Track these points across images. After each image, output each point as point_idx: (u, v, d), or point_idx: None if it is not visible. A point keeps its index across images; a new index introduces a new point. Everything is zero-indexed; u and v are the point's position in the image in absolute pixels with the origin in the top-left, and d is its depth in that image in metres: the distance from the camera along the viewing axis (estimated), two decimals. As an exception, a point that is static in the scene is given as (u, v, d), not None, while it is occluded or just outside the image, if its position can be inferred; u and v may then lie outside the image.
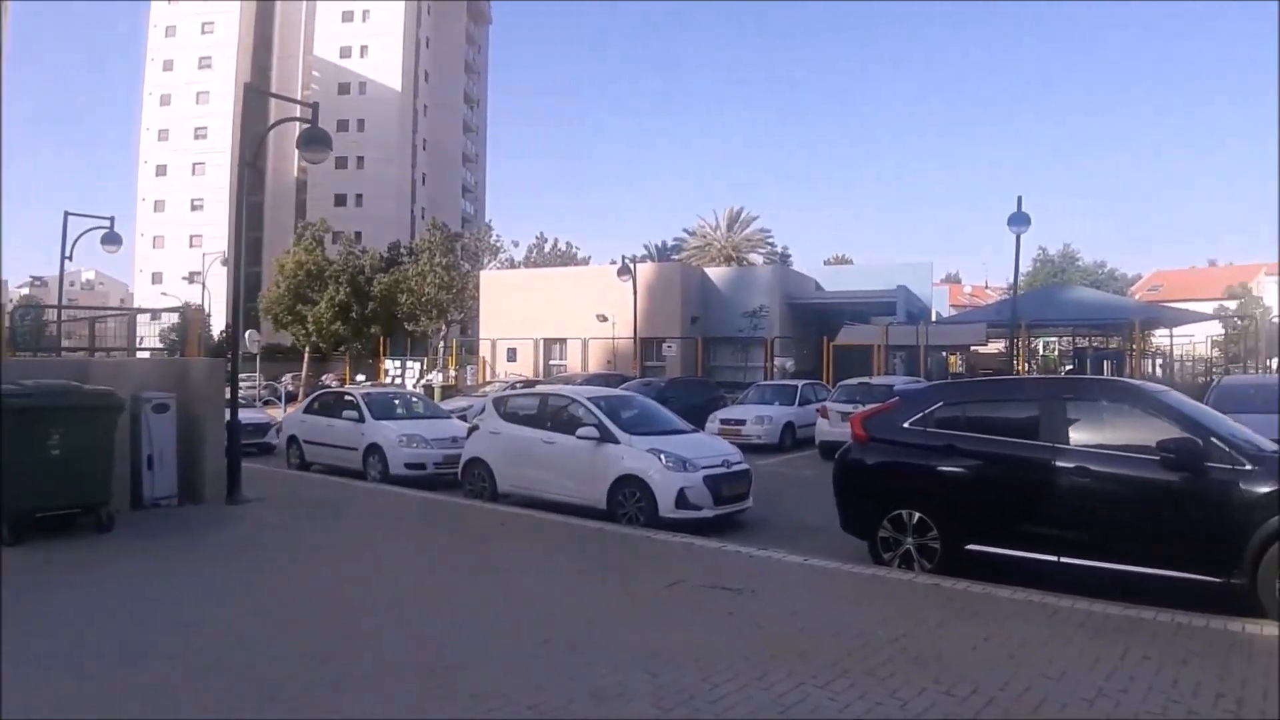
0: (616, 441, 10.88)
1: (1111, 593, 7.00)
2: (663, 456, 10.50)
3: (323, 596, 7.06)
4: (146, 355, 13.03)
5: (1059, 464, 7.49)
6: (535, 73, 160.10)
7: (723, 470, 10.77)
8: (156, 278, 77.61)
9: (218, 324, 69.57)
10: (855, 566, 8.12)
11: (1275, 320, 43.47)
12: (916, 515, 8.24)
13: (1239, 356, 42.26)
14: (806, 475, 16.22)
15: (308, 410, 17.46)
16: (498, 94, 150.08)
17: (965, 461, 8.06)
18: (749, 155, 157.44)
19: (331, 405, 16.85)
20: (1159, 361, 39.98)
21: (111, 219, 20.25)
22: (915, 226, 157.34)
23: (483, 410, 13.32)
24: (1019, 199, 21.06)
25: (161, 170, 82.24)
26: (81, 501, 9.00)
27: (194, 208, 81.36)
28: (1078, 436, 7.56)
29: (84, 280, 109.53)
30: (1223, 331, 49.03)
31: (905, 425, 8.52)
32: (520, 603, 6.84)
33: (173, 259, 77.64)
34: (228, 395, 11.94)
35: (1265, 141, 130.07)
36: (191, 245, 76.63)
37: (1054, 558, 7.51)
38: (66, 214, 19.46)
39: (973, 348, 37.57)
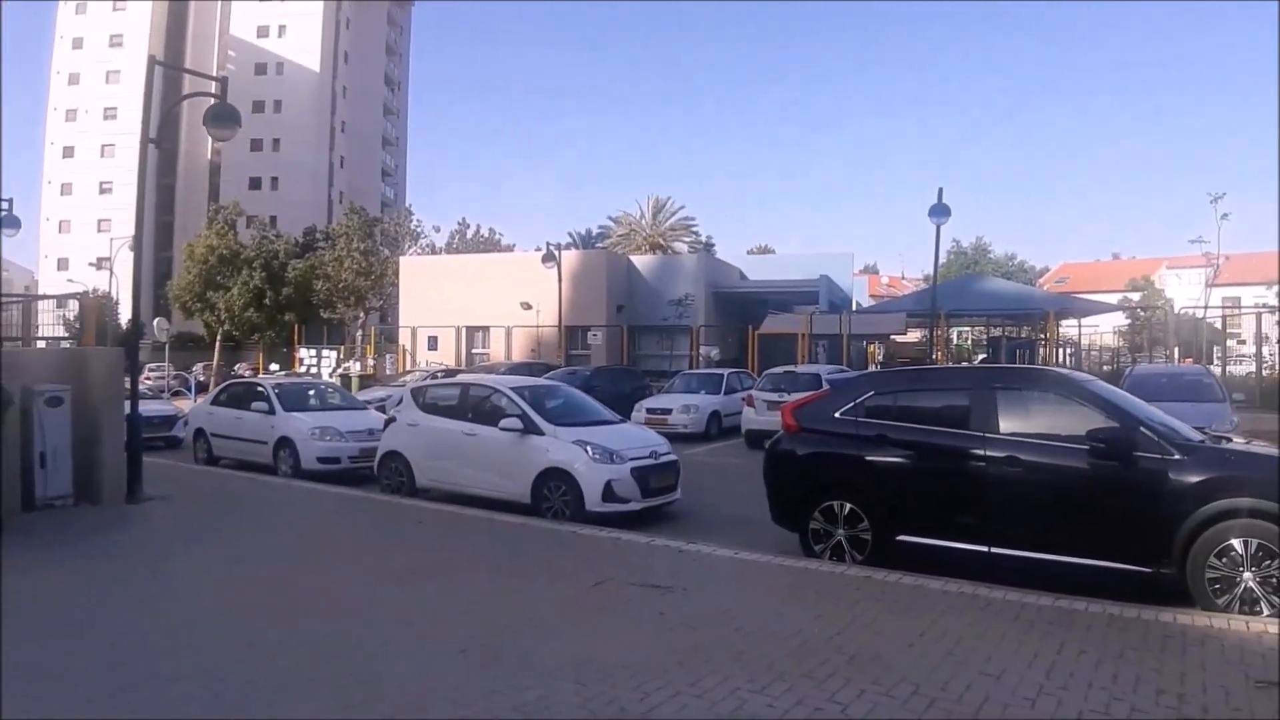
0: (541, 433, 10.52)
1: (1041, 583, 6.93)
2: (589, 448, 10.18)
3: (223, 605, 6.57)
4: (43, 345, 12.14)
5: (989, 454, 7.42)
6: (459, 55, 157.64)
7: (650, 462, 10.50)
8: (63, 264, 74.05)
9: (127, 312, 66.94)
10: (786, 559, 7.94)
11: (1181, 312, 45.07)
12: (848, 506, 8.10)
13: (1142, 346, 43.82)
14: (733, 464, 16.09)
15: (215, 402, 16.66)
16: (420, 77, 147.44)
17: (896, 451, 7.95)
18: (673, 144, 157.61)
19: (241, 396, 16.07)
20: (1069, 351, 41.11)
21: (10, 200, 19.09)
22: (835, 218, 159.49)
23: (400, 401, 12.81)
24: (939, 190, 21.26)
25: (69, 152, 78.25)
26: None
27: (103, 190, 77.78)
28: (1008, 426, 7.50)
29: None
30: (1128, 322, 50.76)
31: (836, 415, 8.36)
32: (439, 607, 6.48)
33: (80, 244, 73.95)
34: (128, 387, 11.24)
35: (1167, 136, 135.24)
36: (100, 230, 73.17)
37: (984, 548, 7.45)
38: (-54, 194, 18.14)
39: (892, 336, 38.06)
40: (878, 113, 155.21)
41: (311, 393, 16.74)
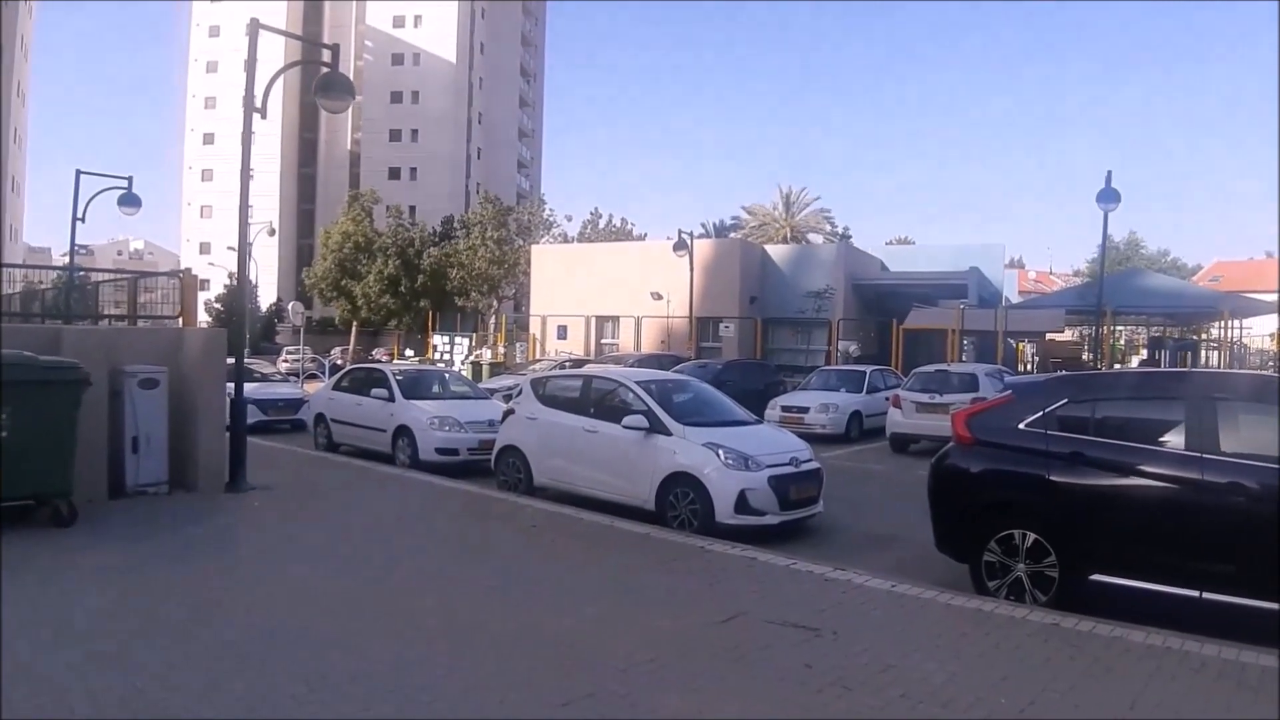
0: (668, 433, 9.45)
1: (1249, 633, 5.60)
2: (721, 452, 9.04)
3: (299, 617, 5.74)
4: (148, 325, 11.81)
5: (1209, 479, 6.00)
6: (593, 47, 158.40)
7: (791, 469, 9.28)
8: (204, 248, 77.47)
9: (266, 297, 69.60)
10: (953, 596, 6.63)
11: None
12: (1031, 537, 6.73)
13: None
14: (877, 471, 14.71)
15: (337, 387, 16.28)
16: (555, 68, 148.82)
17: (1095, 473, 6.53)
18: (808, 133, 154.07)
19: (362, 382, 15.65)
20: (1240, 353, 37.49)
21: (130, 179, 19.18)
22: (977, 209, 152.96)
23: (520, 392, 11.98)
24: (1108, 174, 19.13)
25: (209, 139, 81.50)
26: (33, 492, 7.77)
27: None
28: (1232, 445, 6.06)
29: (133, 250, 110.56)
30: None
31: (1020, 426, 6.97)
32: (540, 635, 5.48)
33: (220, 228, 76.68)
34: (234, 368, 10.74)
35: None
36: (242, 216, 76.45)
37: (1195, 593, 6.03)
38: (79, 173, 18.41)
39: (1048, 335, 35.41)
40: (1022, 101, 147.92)
41: (434, 380, 16.19)
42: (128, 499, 9.34)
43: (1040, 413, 6.90)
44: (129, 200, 19.47)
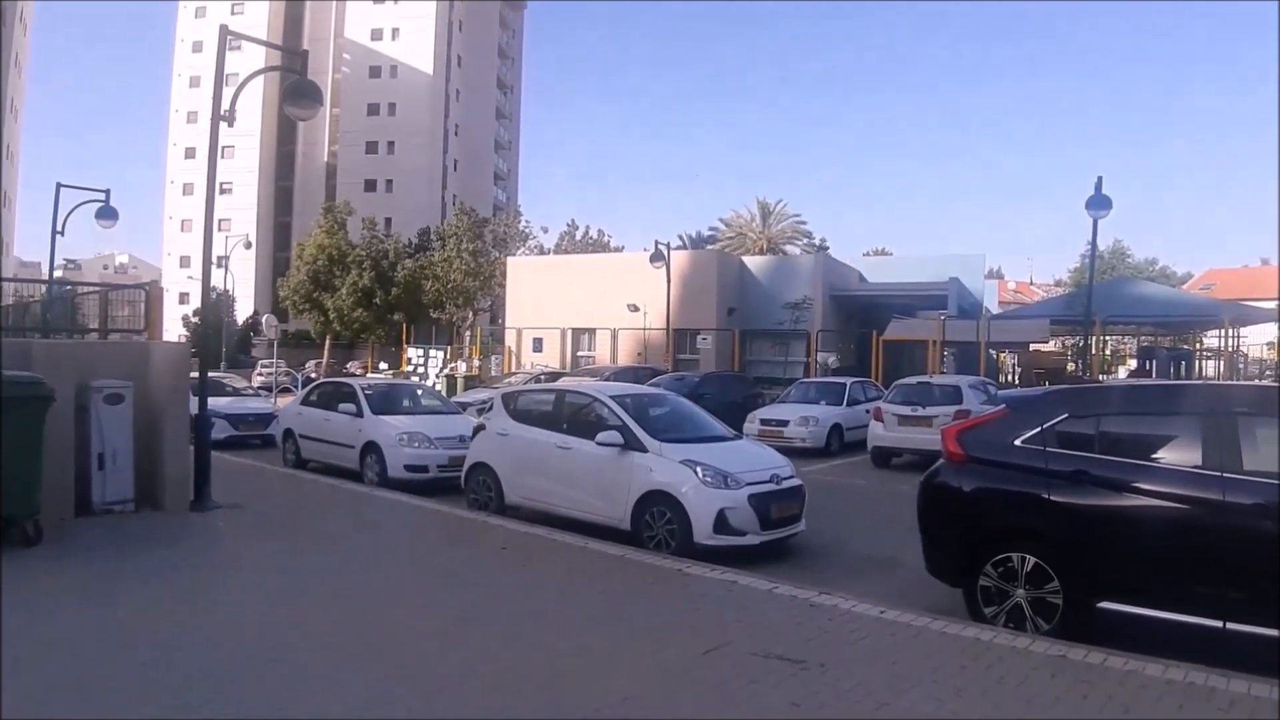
0: (644, 449, 9.05)
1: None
2: (699, 470, 8.65)
3: (257, 644, 5.30)
4: (118, 338, 11.38)
5: (1229, 499, 5.61)
6: (570, 59, 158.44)
7: (772, 487, 8.89)
8: (184, 261, 76.47)
9: (243, 310, 68.77)
10: (947, 624, 6.24)
11: None
12: (1031, 561, 6.35)
13: None
14: (859, 486, 14.37)
15: (305, 401, 15.78)
16: (532, 80, 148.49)
17: (1100, 493, 6.14)
18: (784, 145, 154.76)
19: (330, 397, 15.16)
20: (1234, 362, 37.46)
21: (107, 192, 18.73)
22: (954, 220, 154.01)
23: (491, 407, 11.57)
24: (1098, 180, 18.85)
25: (190, 153, 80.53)
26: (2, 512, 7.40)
27: (223, 191, 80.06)
28: (1255, 463, 5.66)
29: (118, 264, 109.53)
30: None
31: (1017, 443, 6.61)
32: (511, 671, 5.08)
33: (200, 243, 76.24)
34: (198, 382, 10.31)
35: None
36: (220, 229, 75.45)
37: (1218, 623, 5.63)
38: (59, 185, 17.95)
39: (1032, 346, 35.22)
40: (998, 110, 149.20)
41: (404, 395, 15.74)
42: (94, 517, 9.00)
43: (1038, 428, 6.55)
44: (106, 213, 18.99)
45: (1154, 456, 6.11)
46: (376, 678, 5.01)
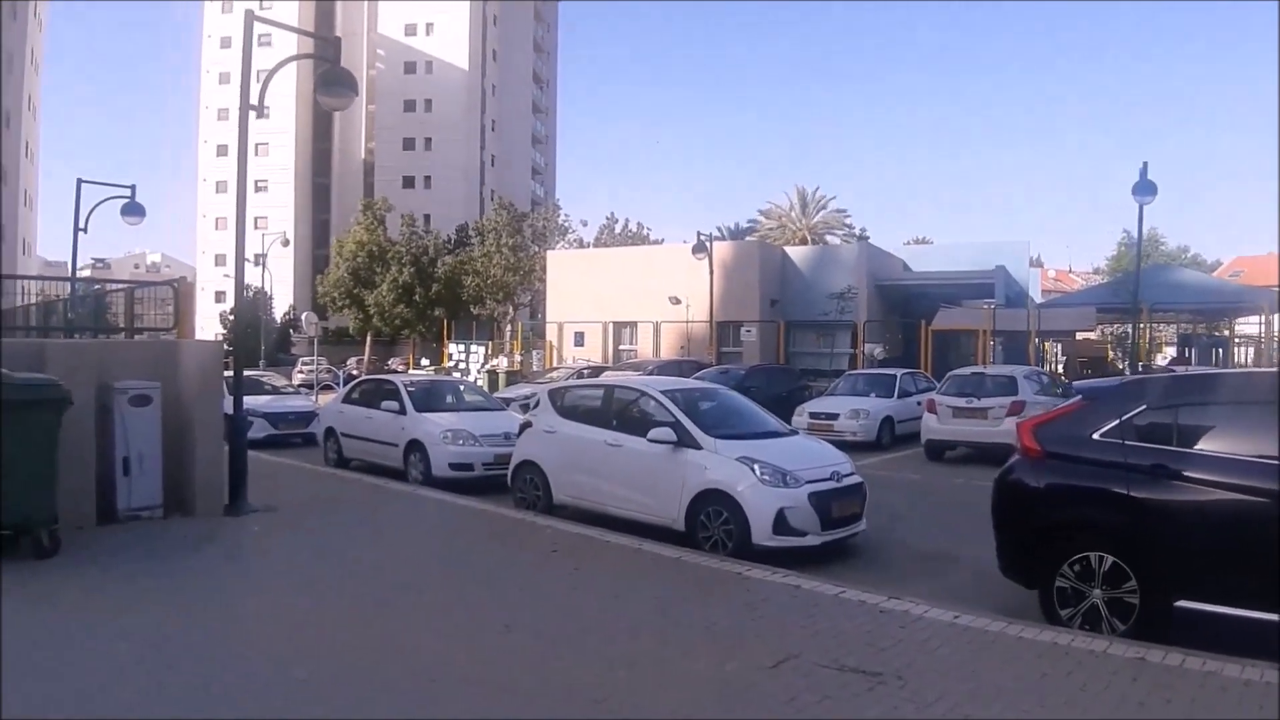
0: (698, 446, 8.73)
1: None
2: (756, 467, 8.31)
3: (299, 664, 5.06)
4: (145, 337, 11.18)
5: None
6: (604, 51, 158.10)
7: (832, 485, 8.53)
8: (219, 259, 76.97)
9: (281, 307, 69.34)
10: (1023, 628, 5.90)
11: None
12: (1109, 560, 5.99)
13: None
14: (914, 481, 13.96)
15: (347, 399, 15.64)
16: (567, 74, 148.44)
17: (1180, 488, 5.79)
18: (821, 134, 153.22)
19: (372, 394, 14.96)
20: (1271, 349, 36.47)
21: (132, 188, 18.61)
22: (992, 207, 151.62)
23: (537, 404, 11.30)
24: (1143, 165, 18.26)
25: (222, 150, 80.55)
26: (11, 521, 7.14)
27: (259, 189, 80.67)
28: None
29: (149, 262, 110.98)
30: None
31: (1095, 436, 6.24)
32: (565, 685, 4.80)
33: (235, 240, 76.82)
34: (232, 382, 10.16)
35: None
36: (256, 227, 76.10)
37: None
38: (79, 182, 17.84)
39: (1078, 334, 34.45)
40: (1035, 97, 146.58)
41: (447, 391, 15.55)
42: (119, 524, 8.72)
43: (1116, 420, 6.17)
44: (132, 209, 18.89)
45: (1237, 448, 5.73)
46: (417, 688, 4.78)
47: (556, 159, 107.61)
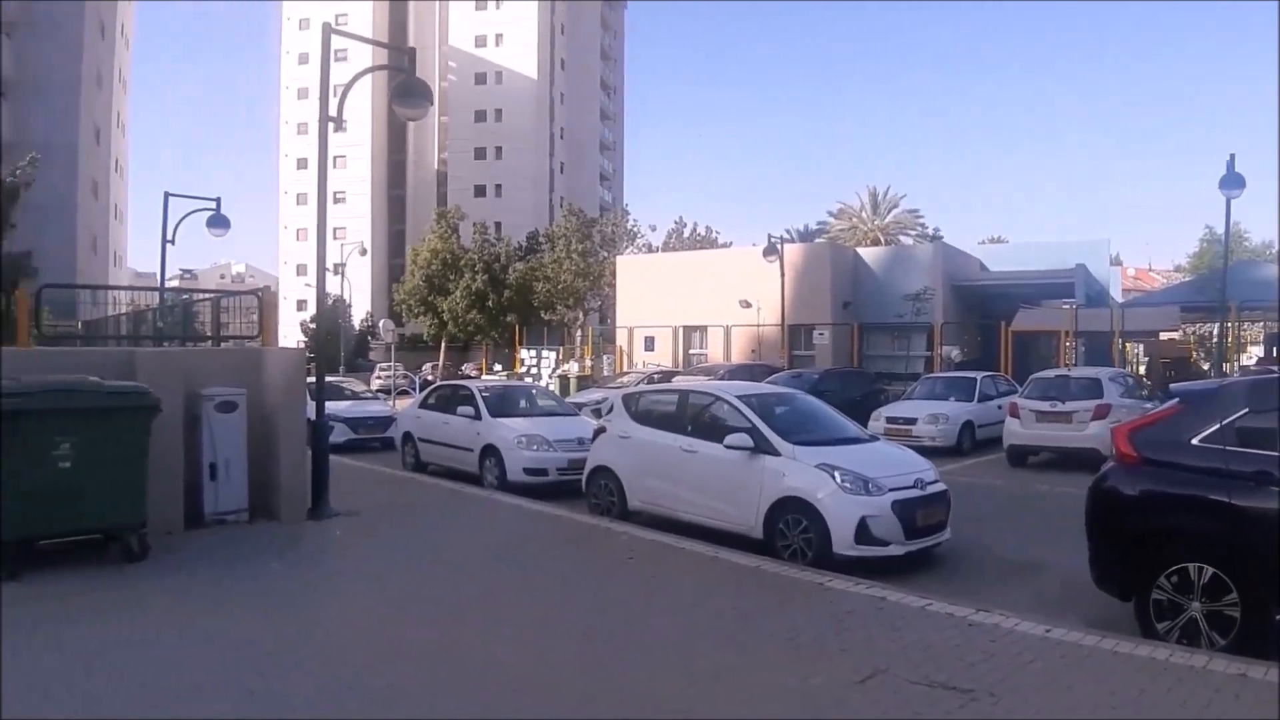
0: (776, 452, 8.58)
1: None
2: (837, 474, 8.13)
3: (378, 672, 5.07)
4: (230, 346, 11.45)
5: None
6: (671, 56, 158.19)
7: (916, 493, 8.31)
8: (301, 269, 79.12)
9: (359, 315, 70.81)
10: (1118, 642, 5.67)
11: None
12: (1209, 571, 5.73)
13: None
14: (997, 487, 13.59)
15: (424, 405, 15.84)
16: (634, 79, 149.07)
17: None
18: (889, 134, 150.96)
19: (448, 400, 15.15)
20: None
21: (218, 200, 19.11)
22: (1068, 205, 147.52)
23: (611, 409, 11.28)
24: (1230, 158, 17.46)
25: (302, 164, 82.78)
26: (101, 525, 7.35)
27: (337, 200, 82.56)
28: None
29: (234, 273, 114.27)
30: None
31: (1194, 442, 5.96)
32: (647, 697, 4.72)
33: (316, 251, 78.57)
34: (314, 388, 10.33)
35: None
36: (335, 237, 77.82)
37: None
38: (166, 195, 18.39)
39: (1162, 334, 33.25)
40: (1110, 93, 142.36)
41: (521, 397, 15.65)
42: (206, 529, 8.91)
43: (1217, 425, 5.88)
44: (218, 221, 19.42)
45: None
46: (497, 699, 4.75)
47: (624, 165, 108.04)
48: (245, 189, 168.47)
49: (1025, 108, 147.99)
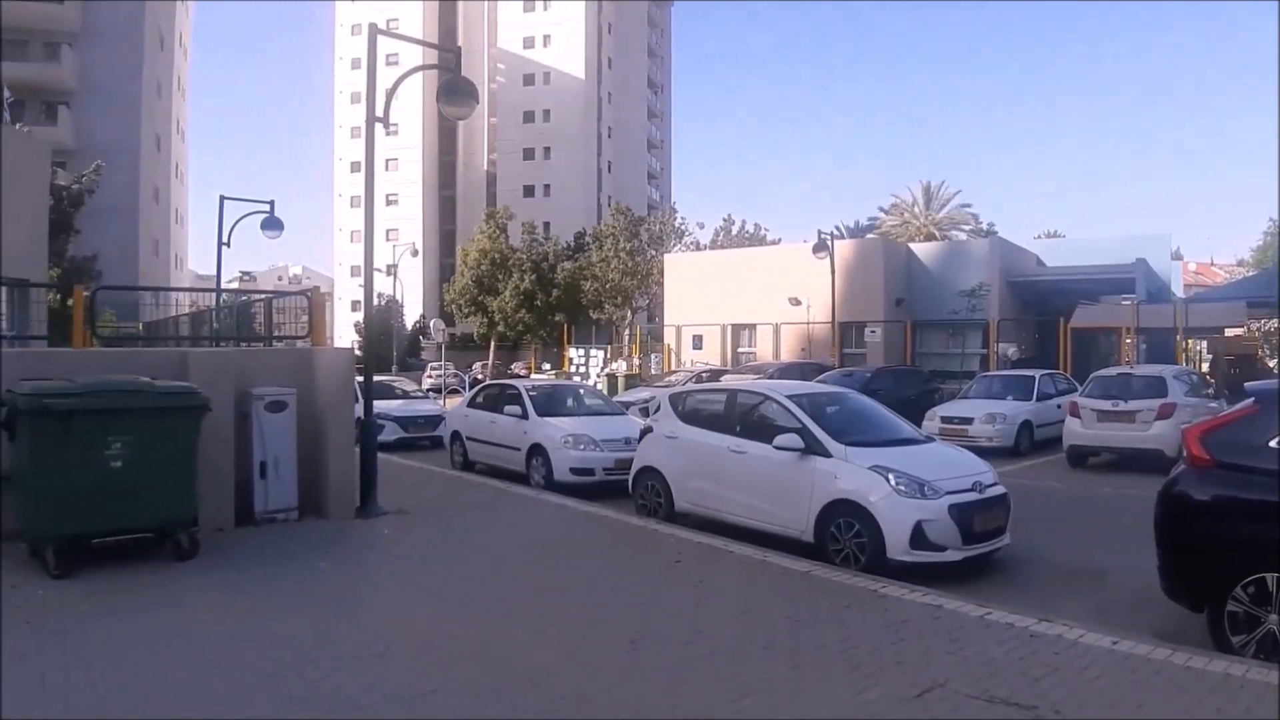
0: (827, 454, 8.35)
1: None
2: (891, 476, 7.89)
3: (424, 675, 4.97)
4: (282, 346, 11.54)
5: None
6: (719, 52, 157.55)
7: (974, 496, 8.02)
8: (355, 270, 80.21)
9: (411, 315, 71.55)
10: (1189, 656, 5.37)
11: None
12: None
13: None
14: (1056, 489, 13.22)
15: (472, 404, 15.86)
16: (682, 77, 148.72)
17: None
18: (944, 130, 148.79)
19: (495, 399, 15.15)
20: None
21: (271, 203, 19.41)
22: (1126, 198, 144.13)
23: (658, 409, 11.12)
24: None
25: (355, 167, 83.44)
26: (152, 523, 7.42)
27: (389, 202, 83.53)
28: None
29: (291, 275, 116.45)
30: None
31: (1272, 444, 5.63)
32: (690, 708, 4.56)
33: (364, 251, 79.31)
34: (365, 387, 10.35)
35: None
36: (388, 239, 78.70)
37: None
38: (222, 198, 18.74)
39: (1227, 331, 32.16)
40: (1163, 84, 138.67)
41: (568, 396, 15.57)
42: (256, 527, 9.00)
43: (1295, 426, 5.55)
44: (272, 224, 19.72)
45: None
46: (546, 707, 4.62)
47: (672, 163, 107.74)
48: (303, 193, 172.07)
49: (1082, 100, 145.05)
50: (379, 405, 19.10)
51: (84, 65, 49.66)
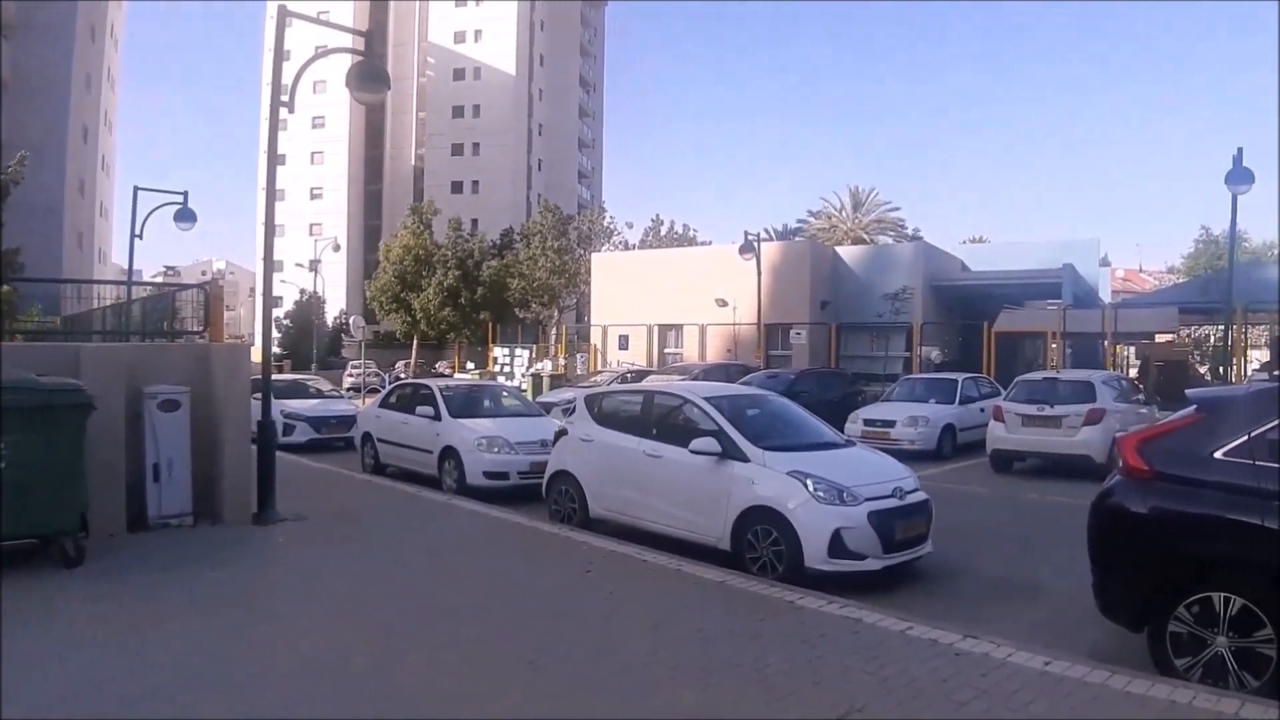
0: (745, 458, 7.95)
1: None
2: (809, 482, 7.50)
3: (311, 701, 4.42)
4: (182, 342, 10.82)
5: None
6: (652, 54, 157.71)
7: (895, 503, 7.68)
8: (277, 266, 77.88)
9: (333, 311, 69.76)
10: (1131, 680, 5.02)
11: None
12: (1238, 602, 5.05)
13: None
14: (980, 494, 13.04)
15: (384, 404, 15.14)
16: (614, 77, 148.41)
17: None
18: (871, 138, 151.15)
19: (408, 399, 14.48)
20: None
21: (185, 194, 18.53)
22: (1053, 204, 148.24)
23: (574, 410, 10.62)
24: (1238, 151, 16.89)
25: (280, 159, 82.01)
26: (36, 530, 6.93)
27: (313, 196, 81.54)
28: None
29: (215, 270, 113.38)
30: None
31: (1217, 455, 5.30)
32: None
33: (292, 247, 76.36)
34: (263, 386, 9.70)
35: None
36: (310, 233, 76.61)
37: None
38: (136, 189, 17.82)
39: (1157, 336, 32.75)
40: (1092, 92, 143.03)
41: (484, 397, 14.96)
42: (149, 532, 8.47)
43: (1244, 436, 5.23)
44: (184, 215, 18.89)
45: None
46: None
47: (603, 162, 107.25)
48: (231, 187, 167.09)
49: (1010, 107, 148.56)
50: (292, 405, 18.51)
51: (15, 57, 47.74)
